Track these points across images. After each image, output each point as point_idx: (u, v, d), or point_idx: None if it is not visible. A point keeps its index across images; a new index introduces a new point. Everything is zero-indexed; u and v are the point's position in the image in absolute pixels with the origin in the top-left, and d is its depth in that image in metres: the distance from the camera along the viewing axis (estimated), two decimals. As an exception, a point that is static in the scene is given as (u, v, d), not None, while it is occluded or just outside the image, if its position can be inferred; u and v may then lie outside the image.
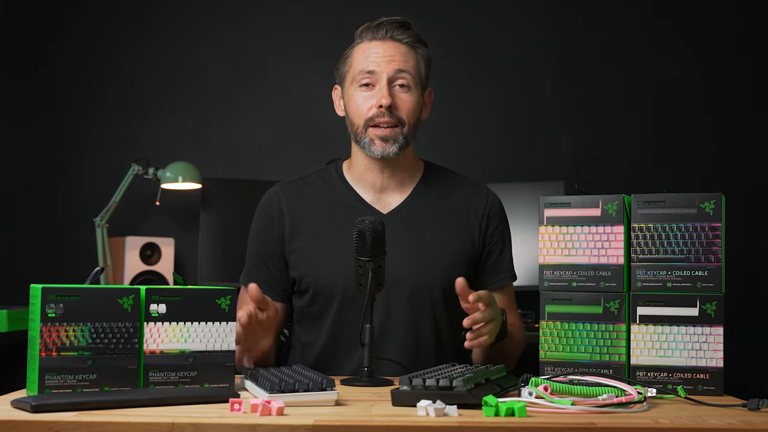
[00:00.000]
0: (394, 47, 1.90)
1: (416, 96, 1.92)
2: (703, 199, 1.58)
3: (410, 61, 1.91)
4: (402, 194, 1.98)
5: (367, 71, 1.89)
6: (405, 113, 1.89)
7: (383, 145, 1.89)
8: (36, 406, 1.25)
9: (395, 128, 1.89)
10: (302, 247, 1.93)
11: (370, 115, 1.88)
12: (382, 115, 1.87)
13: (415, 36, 1.94)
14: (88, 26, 3.90)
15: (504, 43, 3.92)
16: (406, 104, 1.90)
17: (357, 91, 1.91)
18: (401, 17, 1.94)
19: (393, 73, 1.88)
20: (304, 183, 2.02)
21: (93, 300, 1.40)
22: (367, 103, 1.89)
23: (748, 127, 3.82)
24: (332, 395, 1.39)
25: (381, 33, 1.91)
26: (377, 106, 1.87)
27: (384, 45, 1.90)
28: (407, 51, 1.91)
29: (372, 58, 1.89)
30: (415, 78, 1.91)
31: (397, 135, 1.89)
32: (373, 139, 1.89)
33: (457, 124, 3.86)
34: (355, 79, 1.91)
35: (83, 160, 3.85)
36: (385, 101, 1.86)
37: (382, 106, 1.87)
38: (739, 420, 1.29)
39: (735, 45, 3.85)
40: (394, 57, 1.89)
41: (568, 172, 3.75)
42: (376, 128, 1.88)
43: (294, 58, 3.90)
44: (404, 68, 1.89)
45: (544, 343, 1.64)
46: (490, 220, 1.99)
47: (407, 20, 1.94)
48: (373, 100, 1.88)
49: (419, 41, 1.94)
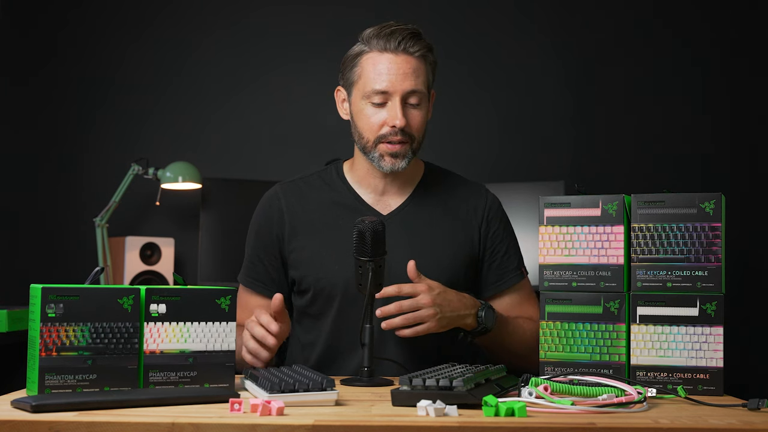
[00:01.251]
0: (406, 62, 1.85)
1: (426, 109, 1.90)
2: (703, 199, 1.58)
3: (421, 75, 1.87)
4: (402, 196, 1.98)
5: (381, 91, 1.84)
6: (416, 130, 1.88)
7: (393, 161, 1.88)
8: (36, 406, 1.25)
9: (405, 144, 1.87)
10: (302, 248, 1.93)
11: (383, 133, 1.86)
12: (395, 134, 1.85)
13: (427, 46, 1.88)
14: (88, 26, 3.90)
15: (504, 44, 3.92)
16: (417, 120, 1.88)
17: (368, 106, 1.87)
18: (413, 26, 1.88)
19: (406, 93, 1.85)
20: (305, 183, 2.01)
21: (93, 300, 1.40)
22: (378, 119, 1.86)
23: (748, 127, 3.82)
24: (332, 395, 1.39)
25: (393, 44, 1.85)
26: (391, 125, 1.85)
27: (397, 60, 1.85)
28: (418, 65, 1.87)
29: (384, 76, 1.84)
30: (426, 93, 1.89)
31: (406, 151, 1.88)
32: (383, 155, 1.87)
33: (458, 124, 3.86)
34: (366, 94, 1.86)
35: (83, 160, 3.85)
36: (399, 123, 1.83)
37: (395, 125, 1.84)
38: (739, 420, 1.29)
39: (735, 45, 3.85)
40: (407, 75, 1.84)
41: (568, 172, 3.75)
42: (387, 145, 1.86)
43: (294, 59, 3.90)
44: (416, 87, 1.85)
45: (544, 343, 1.64)
46: (490, 222, 1.99)
47: (418, 29, 1.89)
48: (385, 118, 1.85)
49: (429, 50, 1.89)
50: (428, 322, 1.72)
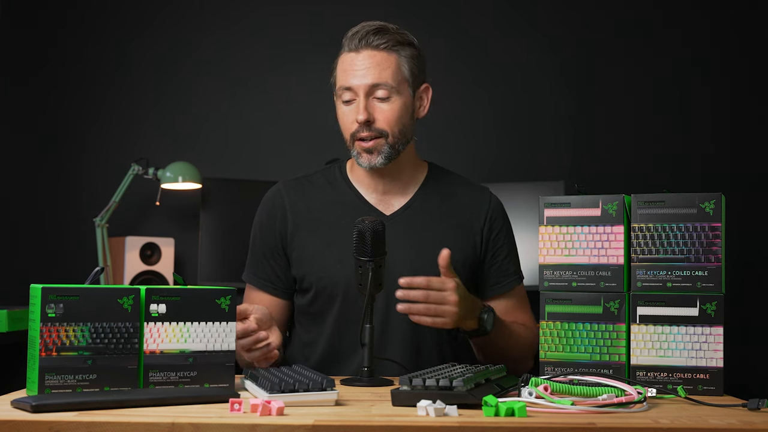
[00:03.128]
0: (369, 57, 1.87)
1: (399, 103, 1.88)
2: (703, 199, 1.58)
3: (388, 68, 1.87)
4: (405, 196, 1.98)
5: (346, 87, 1.88)
6: (386, 124, 1.87)
7: (368, 157, 1.89)
8: (36, 406, 1.25)
9: (378, 139, 1.87)
10: (304, 246, 1.93)
11: (353, 130, 1.88)
12: (362, 129, 1.87)
13: (394, 39, 1.89)
14: (88, 26, 3.90)
15: (504, 44, 3.92)
16: (386, 114, 1.87)
17: (341, 106, 1.91)
18: (379, 23, 1.90)
19: (368, 88, 1.86)
20: (308, 182, 2.02)
21: (93, 300, 1.40)
22: (349, 117, 1.89)
23: (748, 127, 3.82)
24: (332, 395, 1.39)
25: (355, 43, 1.88)
26: (354, 121, 1.87)
27: (359, 57, 1.87)
28: (384, 57, 1.87)
29: (349, 72, 1.87)
30: (395, 85, 1.87)
31: (380, 146, 1.88)
32: (359, 152, 1.89)
33: (458, 124, 3.86)
34: (337, 94, 1.91)
35: (83, 160, 3.85)
36: (361, 117, 1.85)
37: (359, 120, 1.86)
38: (739, 420, 1.29)
39: (735, 45, 3.85)
40: (369, 69, 1.86)
41: (568, 172, 3.75)
42: (359, 141, 1.88)
43: (294, 59, 3.90)
44: (379, 81, 1.86)
45: (544, 343, 1.64)
46: (493, 224, 1.99)
47: (387, 25, 1.90)
48: (353, 115, 1.88)
49: (399, 43, 1.89)
50: (446, 318, 1.71)
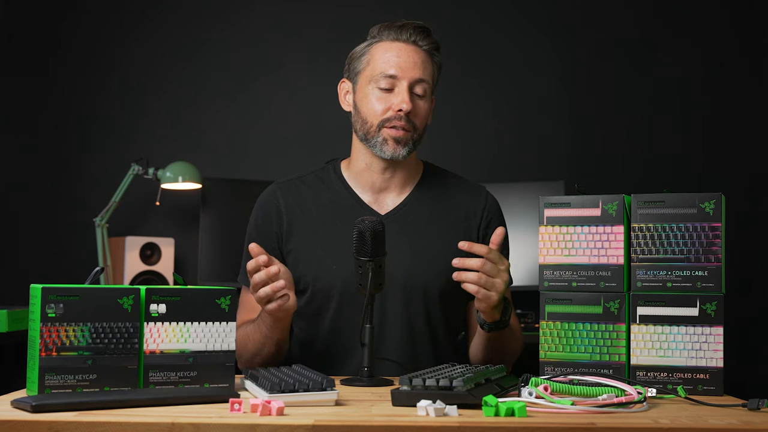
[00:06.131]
0: (416, 53, 1.90)
1: (429, 104, 1.93)
2: (703, 199, 1.58)
3: (428, 69, 1.91)
4: (400, 195, 1.98)
5: (389, 75, 1.87)
6: (419, 120, 1.90)
7: (395, 147, 1.89)
8: (36, 406, 1.25)
9: (408, 132, 1.89)
10: (299, 247, 1.93)
11: (388, 116, 1.88)
12: (400, 118, 1.87)
13: (435, 43, 1.93)
14: (88, 26, 3.89)
15: (504, 43, 3.92)
16: (422, 111, 1.90)
17: (374, 90, 1.89)
18: (424, 22, 1.93)
19: (414, 80, 1.88)
20: (302, 183, 2.01)
21: (93, 300, 1.40)
22: (384, 104, 1.88)
23: (747, 127, 3.82)
24: (332, 395, 1.39)
25: (405, 36, 1.90)
26: (396, 109, 1.86)
27: (407, 49, 1.89)
28: (426, 59, 1.91)
29: (394, 61, 1.88)
30: (430, 87, 1.92)
31: (408, 139, 1.89)
32: (387, 138, 1.89)
33: (457, 124, 3.86)
34: (374, 78, 1.89)
35: (83, 160, 3.85)
36: (406, 107, 1.86)
37: (401, 110, 1.86)
38: (739, 420, 1.29)
39: (735, 45, 3.85)
40: (416, 64, 1.88)
41: (568, 172, 3.75)
42: (391, 129, 1.88)
43: (294, 59, 3.90)
44: (424, 77, 1.89)
45: (544, 343, 1.64)
46: (490, 223, 1.99)
47: (429, 26, 1.94)
48: (391, 103, 1.87)
49: (436, 49, 1.94)
50: (494, 294, 1.69)
